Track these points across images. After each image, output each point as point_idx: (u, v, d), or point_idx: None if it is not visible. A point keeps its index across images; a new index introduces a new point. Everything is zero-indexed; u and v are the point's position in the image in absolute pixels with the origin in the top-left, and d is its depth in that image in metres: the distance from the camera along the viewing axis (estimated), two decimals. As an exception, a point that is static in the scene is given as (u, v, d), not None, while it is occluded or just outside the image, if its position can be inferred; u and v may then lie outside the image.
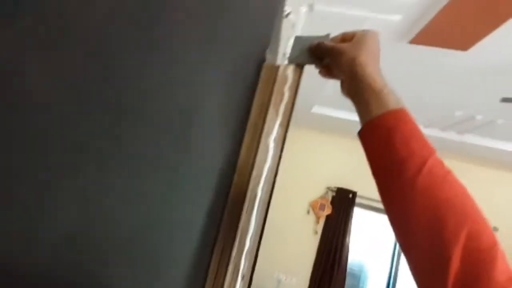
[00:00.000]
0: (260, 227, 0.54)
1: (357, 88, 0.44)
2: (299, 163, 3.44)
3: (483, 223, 0.32)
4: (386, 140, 0.39)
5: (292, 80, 0.62)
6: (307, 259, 3.23)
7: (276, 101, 0.62)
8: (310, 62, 0.56)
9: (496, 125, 2.18)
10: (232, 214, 0.56)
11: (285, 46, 1.58)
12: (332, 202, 3.32)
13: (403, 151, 0.37)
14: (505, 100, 1.49)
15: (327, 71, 0.53)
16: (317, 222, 3.33)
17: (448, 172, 0.36)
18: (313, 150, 3.46)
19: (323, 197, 3.38)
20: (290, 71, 0.62)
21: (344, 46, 0.46)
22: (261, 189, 0.55)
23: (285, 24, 1.50)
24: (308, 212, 3.39)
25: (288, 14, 1.43)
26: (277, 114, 0.60)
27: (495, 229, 2.91)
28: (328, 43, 0.50)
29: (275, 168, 0.57)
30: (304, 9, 1.42)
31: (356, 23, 1.45)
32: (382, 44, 0.46)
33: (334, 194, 3.34)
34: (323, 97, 2.55)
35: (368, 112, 0.42)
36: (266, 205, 0.55)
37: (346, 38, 0.48)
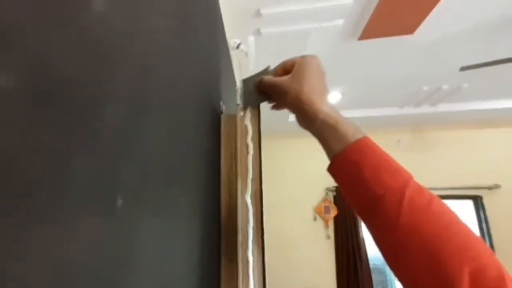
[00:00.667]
0: (261, 295, 0.51)
1: (311, 125, 0.42)
2: (292, 174, 3.43)
3: (483, 253, 0.30)
4: (356, 177, 0.37)
5: (252, 131, 0.61)
6: (328, 265, 3.16)
7: (243, 155, 0.61)
8: (261, 101, 0.54)
9: (464, 89, 2.25)
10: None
11: (246, 74, 1.59)
12: (335, 202, 3.30)
13: (377, 188, 0.34)
14: (464, 68, 1.55)
15: (279, 104, 0.50)
16: (327, 226, 3.29)
17: (430, 200, 0.33)
18: (302, 157, 3.46)
19: (325, 199, 3.36)
20: (248, 120, 0.61)
21: (284, 82, 0.44)
22: (251, 254, 0.52)
23: (239, 54, 1.53)
24: (315, 218, 3.35)
25: (239, 45, 1.45)
26: (247, 170, 0.58)
27: (497, 186, 2.96)
28: (268, 79, 0.47)
29: (260, 226, 0.54)
30: (252, 37, 1.45)
31: (304, 36, 1.49)
32: (337, 48, 0.45)
33: (334, 193, 3.33)
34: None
35: (329, 148, 0.40)
36: (261, 269, 0.52)
37: (287, 67, 0.46)
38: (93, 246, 0.16)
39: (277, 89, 0.45)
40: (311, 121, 0.41)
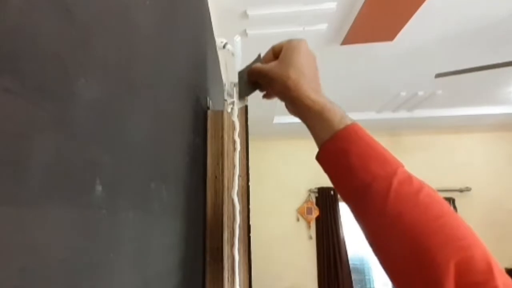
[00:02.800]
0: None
1: (298, 111, 0.41)
2: (276, 175, 3.45)
3: (472, 244, 0.28)
4: (343, 165, 0.36)
5: (240, 126, 0.61)
6: (310, 266, 3.21)
7: (230, 151, 0.60)
8: (252, 91, 0.51)
9: (438, 96, 2.37)
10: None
11: (231, 73, 1.59)
12: (317, 204, 3.35)
13: (364, 176, 0.34)
14: (439, 75, 1.63)
15: (270, 93, 0.48)
16: (309, 227, 3.33)
17: (419, 189, 0.32)
18: (285, 159, 3.50)
19: (307, 200, 3.41)
20: (236, 116, 0.61)
21: (271, 69, 0.42)
22: (237, 252, 0.52)
23: (226, 54, 1.52)
24: (298, 219, 3.38)
25: (225, 44, 1.45)
26: (234, 166, 0.58)
27: (468, 189, 3.13)
28: (256, 67, 0.46)
29: (246, 223, 0.54)
30: (238, 38, 1.45)
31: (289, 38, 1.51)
32: (320, 52, 0.43)
33: (317, 195, 3.38)
34: (280, 107, 2.61)
35: (316, 136, 0.39)
36: (247, 267, 0.52)
37: (276, 52, 0.44)
38: (66, 239, 0.14)
39: (265, 76, 0.44)
40: (298, 107, 0.40)
